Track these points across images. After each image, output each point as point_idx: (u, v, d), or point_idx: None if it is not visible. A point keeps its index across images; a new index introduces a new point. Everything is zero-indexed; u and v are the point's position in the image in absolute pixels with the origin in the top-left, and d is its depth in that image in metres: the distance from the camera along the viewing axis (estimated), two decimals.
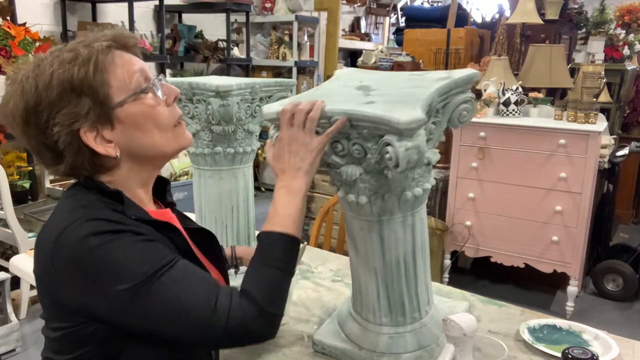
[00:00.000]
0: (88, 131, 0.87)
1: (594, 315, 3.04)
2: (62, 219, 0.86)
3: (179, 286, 0.84)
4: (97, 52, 0.87)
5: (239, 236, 1.54)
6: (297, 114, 0.97)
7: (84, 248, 0.81)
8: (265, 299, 0.88)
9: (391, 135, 0.90)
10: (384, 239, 1.08)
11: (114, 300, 0.82)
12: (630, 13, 4.07)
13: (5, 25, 2.94)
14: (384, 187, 1.01)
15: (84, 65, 0.86)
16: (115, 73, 0.88)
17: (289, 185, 0.98)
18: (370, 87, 1.07)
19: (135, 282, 0.81)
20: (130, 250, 0.83)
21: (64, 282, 0.84)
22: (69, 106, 0.86)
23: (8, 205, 2.65)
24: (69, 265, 0.83)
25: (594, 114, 2.84)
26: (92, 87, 0.86)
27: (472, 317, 1.00)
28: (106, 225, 0.84)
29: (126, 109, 0.89)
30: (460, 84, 1.01)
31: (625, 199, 4.51)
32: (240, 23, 5.42)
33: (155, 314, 0.83)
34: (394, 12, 7.44)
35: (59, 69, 0.85)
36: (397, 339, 1.13)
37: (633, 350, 1.22)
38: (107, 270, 0.81)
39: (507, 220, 2.98)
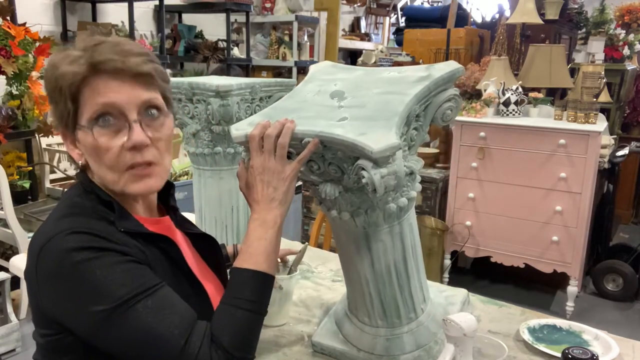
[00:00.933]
0: (62, 132, 0.92)
1: (594, 315, 3.04)
2: (51, 227, 0.86)
3: (153, 317, 0.82)
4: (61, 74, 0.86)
5: (239, 236, 1.54)
6: (266, 140, 0.92)
7: (65, 263, 0.81)
8: (234, 345, 0.85)
9: (365, 160, 0.85)
10: (372, 249, 1.04)
11: (87, 319, 0.82)
12: (630, 13, 4.08)
13: (5, 25, 2.93)
14: (365, 203, 0.96)
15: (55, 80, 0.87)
16: (89, 99, 0.86)
17: (262, 217, 0.93)
18: (344, 94, 1.01)
19: (110, 305, 0.80)
20: (110, 271, 0.81)
21: (44, 292, 0.85)
22: (60, 105, 0.88)
23: (8, 205, 2.65)
24: (50, 277, 0.82)
25: (594, 114, 2.84)
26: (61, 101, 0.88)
27: (472, 317, 1.00)
28: (91, 240, 0.82)
29: (82, 133, 0.88)
30: (440, 83, 0.96)
31: (625, 199, 4.52)
32: (240, 23, 5.42)
33: (124, 340, 0.82)
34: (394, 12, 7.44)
35: (48, 72, 0.89)
36: (394, 341, 1.12)
37: (633, 350, 1.22)
38: (85, 289, 0.81)
39: (507, 220, 2.98)
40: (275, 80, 1.50)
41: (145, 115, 0.89)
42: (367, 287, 1.09)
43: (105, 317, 0.80)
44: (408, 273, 1.09)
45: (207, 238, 1.10)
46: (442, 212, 3.27)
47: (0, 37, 2.90)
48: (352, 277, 1.12)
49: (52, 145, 3.61)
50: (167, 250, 0.93)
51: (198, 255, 1.07)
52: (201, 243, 1.08)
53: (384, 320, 1.12)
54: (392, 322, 1.12)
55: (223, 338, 0.85)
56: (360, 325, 1.16)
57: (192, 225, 1.11)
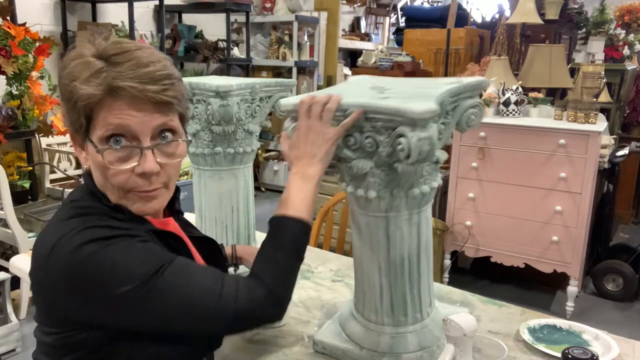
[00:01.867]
0: (71, 134, 0.91)
1: (594, 315, 3.04)
2: (59, 227, 0.85)
3: (182, 279, 0.84)
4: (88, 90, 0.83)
5: (239, 236, 1.54)
6: (314, 105, 1.00)
7: (80, 256, 0.80)
8: (274, 282, 0.90)
9: (405, 126, 0.93)
10: (390, 236, 1.09)
11: (118, 304, 0.81)
12: (630, 13, 4.08)
13: (5, 25, 2.93)
14: (393, 182, 1.04)
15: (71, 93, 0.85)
16: (102, 118, 0.84)
17: (303, 171, 1.00)
18: (385, 88, 1.11)
19: (137, 282, 0.80)
20: (128, 252, 0.82)
21: (60, 292, 0.83)
22: (72, 111, 0.87)
23: (8, 205, 2.65)
24: (64, 277, 0.82)
25: (594, 114, 2.84)
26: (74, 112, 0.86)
27: (472, 317, 1.00)
28: (102, 231, 0.83)
29: (91, 149, 0.87)
30: (469, 88, 1.06)
31: (625, 199, 4.51)
32: (240, 23, 5.42)
33: (162, 311, 0.83)
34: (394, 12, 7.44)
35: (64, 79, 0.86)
36: (399, 339, 1.14)
37: (633, 350, 1.22)
38: (107, 275, 0.80)
39: (507, 220, 2.98)
40: (276, 81, 1.50)
41: (159, 138, 0.88)
42: (379, 278, 1.13)
43: (136, 295, 0.81)
44: (420, 268, 1.13)
45: (209, 241, 1.12)
46: (442, 212, 3.27)
47: (0, 37, 2.90)
48: (365, 268, 1.15)
49: (52, 145, 3.61)
50: (176, 247, 0.94)
51: (201, 258, 1.08)
52: (203, 246, 1.09)
53: (391, 318, 1.14)
54: (398, 320, 1.14)
55: (265, 277, 0.90)
56: (365, 323, 1.18)
57: (194, 228, 1.12)
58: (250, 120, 1.46)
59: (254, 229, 1.59)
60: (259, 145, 1.54)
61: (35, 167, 3.34)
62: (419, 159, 0.94)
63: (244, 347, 1.23)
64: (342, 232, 2.28)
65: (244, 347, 1.23)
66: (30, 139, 3.26)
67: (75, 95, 0.84)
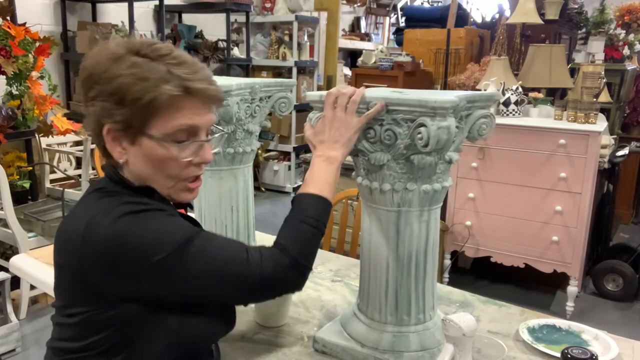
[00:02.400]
0: (111, 130, 0.91)
1: (594, 315, 3.04)
2: (88, 208, 0.90)
3: (212, 246, 0.90)
4: (168, 90, 0.88)
5: (239, 236, 1.54)
6: (340, 97, 1.08)
7: (119, 228, 0.85)
8: (298, 251, 0.94)
9: (425, 116, 1.01)
10: (400, 231, 1.13)
11: (153, 271, 0.85)
12: (630, 13, 4.08)
13: (5, 25, 2.93)
14: (407, 176, 1.10)
15: (144, 92, 0.87)
16: (166, 115, 0.90)
17: (326, 154, 1.07)
18: (404, 91, 1.17)
19: (171, 250, 0.85)
20: (162, 222, 0.88)
21: (99, 266, 0.86)
22: (111, 105, 0.89)
23: (8, 205, 2.65)
24: (107, 248, 0.85)
25: (594, 114, 2.84)
26: (139, 110, 0.88)
27: (471, 317, 1.00)
28: (134, 206, 0.88)
29: (150, 143, 0.91)
30: (483, 98, 1.13)
31: (625, 199, 4.51)
32: (240, 23, 5.42)
33: (196, 276, 0.87)
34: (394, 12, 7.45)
35: (127, 77, 0.87)
36: (401, 338, 1.15)
37: (633, 350, 1.22)
38: (145, 243, 0.85)
39: (507, 220, 2.98)
40: (276, 81, 1.50)
41: (209, 133, 0.99)
42: (385, 273, 1.16)
43: (170, 263, 0.85)
44: (426, 267, 1.17)
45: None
46: (442, 212, 3.26)
47: (0, 37, 2.90)
48: (373, 263, 1.18)
49: (52, 145, 3.61)
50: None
51: None
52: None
53: (394, 316, 1.16)
54: (401, 319, 1.16)
55: (289, 246, 0.95)
56: (367, 321, 1.20)
57: (198, 224, 1.13)
58: (250, 120, 1.46)
59: (253, 229, 1.59)
60: (259, 145, 1.54)
61: (35, 167, 3.34)
62: (436, 147, 1.00)
63: (244, 347, 1.23)
64: (342, 232, 2.28)
65: (244, 347, 1.23)
66: (30, 139, 3.26)
67: (149, 95, 0.87)
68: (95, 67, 0.90)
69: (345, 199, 2.26)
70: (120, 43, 0.92)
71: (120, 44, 0.92)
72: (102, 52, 0.91)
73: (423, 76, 4.32)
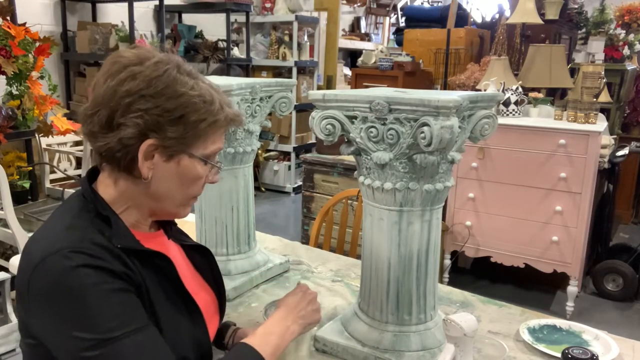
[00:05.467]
0: (151, 145, 0.87)
1: (594, 315, 3.04)
2: (50, 241, 0.84)
3: (136, 355, 0.81)
4: (223, 116, 0.93)
5: (238, 236, 1.54)
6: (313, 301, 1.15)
7: (61, 283, 0.80)
8: None
9: (429, 116, 1.01)
10: (402, 231, 1.14)
11: (70, 344, 0.80)
12: (630, 13, 4.07)
13: (5, 25, 2.93)
14: (410, 175, 1.10)
15: (208, 113, 0.90)
16: (212, 138, 0.93)
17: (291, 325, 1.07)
18: (407, 92, 1.17)
19: (98, 335, 0.79)
20: (104, 300, 0.81)
21: (33, 307, 0.83)
22: (165, 121, 0.87)
23: (8, 205, 2.65)
24: (42, 295, 0.81)
25: (594, 114, 2.84)
26: (194, 130, 0.89)
27: (472, 317, 1.00)
28: (88, 260, 0.82)
29: (189, 162, 0.92)
30: (485, 99, 1.13)
31: (625, 199, 4.51)
32: (240, 23, 5.43)
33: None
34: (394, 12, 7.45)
35: (195, 98, 0.88)
36: (402, 337, 1.16)
37: (633, 350, 1.22)
38: (75, 313, 0.80)
39: (507, 220, 2.98)
40: (276, 81, 1.50)
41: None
42: (387, 273, 1.16)
43: (90, 347, 0.79)
44: (427, 267, 1.17)
45: (201, 249, 1.12)
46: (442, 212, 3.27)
47: (0, 37, 2.90)
48: (374, 263, 1.19)
49: (52, 145, 3.61)
50: (162, 267, 0.94)
51: (192, 266, 1.08)
52: (195, 254, 1.10)
53: (395, 315, 1.17)
54: (402, 319, 1.17)
55: None
56: (369, 321, 1.20)
57: (187, 237, 1.12)
58: (250, 120, 1.46)
59: (254, 229, 1.59)
60: (259, 145, 1.54)
61: (35, 167, 3.34)
62: (439, 147, 1.00)
63: None
64: (342, 232, 2.28)
65: None
66: (30, 139, 3.26)
67: (212, 118, 0.91)
68: (152, 81, 0.86)
69: (345, 199, 2.26)
70: (160, 55, 0.90)
71: (162, 56, 0.90)
72: (155, 64, 0.88)
73: (423, 76, 4.31)
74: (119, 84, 0.86)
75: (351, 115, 1.13)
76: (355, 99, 1.12)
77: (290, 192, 5.43)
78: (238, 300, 1.46)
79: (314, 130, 1.16)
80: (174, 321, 0.92)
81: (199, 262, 1.09)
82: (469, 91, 1.16)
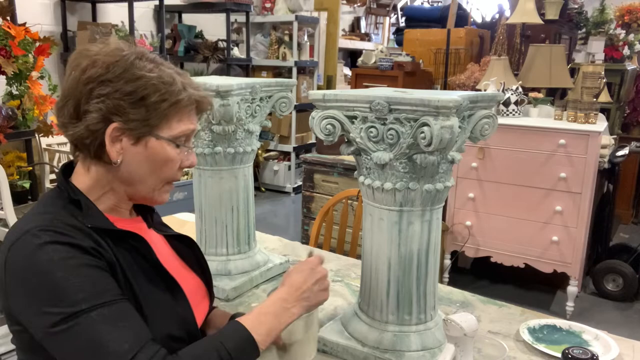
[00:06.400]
0: (117, 129, 0.89)
1: (594, 315, 3.04)
2: (22, 224, 0.87)
3: (106, 327, 0.80)
4: (185, 97, 0.93)
5: (238, 236, 1.54)
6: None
7: (32, 260, 0.82)
8: None
9: (429, 116, 1.01)
10: (402, 231, 1.14)
11: (40, 320, 0.81)
12: (630, 13, 4.08)
13: (5, 25, 2.93)
14: (410, 175, 1.10)
15: (168, 94, 0.90)
16: (178, 119, 0.93)
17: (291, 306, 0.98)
18: (407, 92, 1.17)
19: (66, 309, 0.80)
20: (74, 274, 0.81)
21: (10, 290, 0.85)
22: (127, 104, 0.88)
23: (8, 205, 2.65)
24: (16, 273, 0.83)
25: (594, 114, 2.84)
26: (156, 111, 0.90)
27: (472, 317, 1.00)
28: (58, 236, 0.83)
29: (156, 143, 0.92)
30: (485, 99, 1.13)
31: (625, 199, 4.51)
32: (240, 23, 5.43)
33: (72, 348, 0.80)
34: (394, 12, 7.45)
35: (153, 80, 0.89)
36: (402, 337, 1.16)
37: (633, 350, 1.22)
38: (45, 289, 0.81)
39: (507, 220, 2.98)
40: (276, 81, 1.50)
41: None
42: (387, 273, 1.16)
43: (58, 321, 0.80)
44: (427, 267, 1.17)
45: (184, 239, 1.11)
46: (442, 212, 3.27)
47: (0, 37, 2.90)
48: (374, 263, 1.19)
49: (52, 145, 3.61)
50: (137, 247, 0.94)
51: (176, 255, 1.08)
52: (178, 244, 1.10)
53: (395, 315, 1.17)
54: (402, 319, 1.17)
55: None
56: (369, 321, 1.20)
57: (168, 228, 1.12)
58: (250, 120, 1.46)
59: (254, 229, 1.59)
60: (259, 145, 1.54)
61: (35, 167, 3.34)
62: (439, 147, 1.00)
63: None
64: (342, 232, 2.28)
65: None
66: (30, 139, 3.26)
67: (173, 98, 0.91)
68: (110, 66, 0.89)
69: (345, 199, 2.26)
70: (121, 44, 0.92)
71: (122, 45, 0.92)
72: (113, 51, 0.90)
73: (423, 76, 4.31)
74: (81, 73, 0.89)
75: (351, 115, 1.13)
76: (355, 99, 1.11)
77: (290, 192, 5.43)
78: (238, 300, 1.46)
79: (314, 130, 1.15)
80: (154, 299, 0.92)
81: (183, 250, 1.09)
82: (469, 91, 1.16)
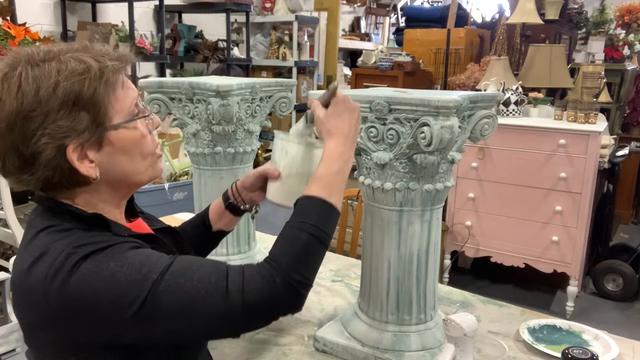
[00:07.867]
0: (75, 148, 0.80)
1: (594, 315, 3.04)
2: (46, 254, 0.79)
3: (184, 279, 0.78)
4: (109, 70, 0.82)
5: (238, 236, 1.53)
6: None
7: (79, 278, 0.76)
8: (291, 265, 0.81)
9: (429, 116, 1.01)
10: (402, 231, 1.14)
11: (121, 314, 0.77)
12: (630, 13, 4.07)
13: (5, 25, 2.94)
14: (410, 175, 1.11)
15: (94, 80, 0.80)
16: (119, 96, 0.84)
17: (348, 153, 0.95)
18: (407, 91, 1.17)
19: (141, 288, 0.76)
20: (125, 262, 0.78)
21: (69, 319, 0.78)
22: (66, 119, 0.79)
23: (8, 205, 2.65)
24: (71, 300, 0.77)
25: (594, 114, 2.84)
26: (97, 105, 0.81)
27: (472, 317, 1.00)
28: (93, 247, 0.79)
29: (119, 133, 0.84)
30: (485, 99, 1.13)
31: (625, 199, 4.51)
32: (240, 23, 5.42)
33: (169, 318, 0.77)
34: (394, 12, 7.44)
35: (67, 79, 0.79)
36: (402, 337, 1.16)
37: (633, 350, 1.22)
38: (111, 294, 0.76)
39: (507, 220, 2.98)
40: (276, 81, 1.50)
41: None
42: (387, 273, 1.17)
43: (141, 303, 0.76)
44: (427, 268, 1.18)
45: (169, 230, 1.07)
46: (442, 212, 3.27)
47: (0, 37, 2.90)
48: (374, 263, 1.19)
49: None
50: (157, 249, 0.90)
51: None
52: (167, 237, 1.05)
53: (395, 315, 1.17)
54: (402, 319, 1.17)
55: (281, 258, 0.81)
56: (369, 321, 1.20)
57: (156, 221, 1.09)
58: (250, 120, 1.46)
59: (254, 229, 1.59)
60: (259, 145, 1.54)
61: None
62: (439, 147, 1.00)
63: (244, 347, 1.23)
64: (342, 232, 2.28)
65: (244, 347, 1.23)
66: None
67: (99, 80, 0.81)
68: (20, 97, 0.78)
69: (345, 199, 2.26)
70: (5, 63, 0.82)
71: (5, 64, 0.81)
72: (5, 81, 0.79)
73: (423, 76, 4.31)
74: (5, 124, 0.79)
75: None
76: (355, 99, 1.11)
77: None
78: None
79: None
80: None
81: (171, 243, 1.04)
82: (469, 91, 1.16)
